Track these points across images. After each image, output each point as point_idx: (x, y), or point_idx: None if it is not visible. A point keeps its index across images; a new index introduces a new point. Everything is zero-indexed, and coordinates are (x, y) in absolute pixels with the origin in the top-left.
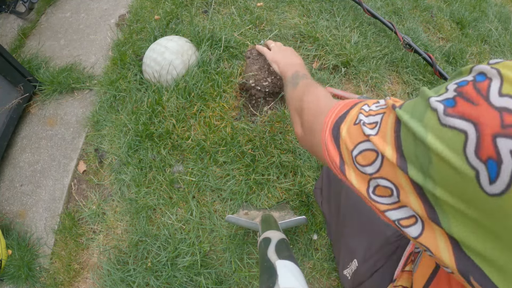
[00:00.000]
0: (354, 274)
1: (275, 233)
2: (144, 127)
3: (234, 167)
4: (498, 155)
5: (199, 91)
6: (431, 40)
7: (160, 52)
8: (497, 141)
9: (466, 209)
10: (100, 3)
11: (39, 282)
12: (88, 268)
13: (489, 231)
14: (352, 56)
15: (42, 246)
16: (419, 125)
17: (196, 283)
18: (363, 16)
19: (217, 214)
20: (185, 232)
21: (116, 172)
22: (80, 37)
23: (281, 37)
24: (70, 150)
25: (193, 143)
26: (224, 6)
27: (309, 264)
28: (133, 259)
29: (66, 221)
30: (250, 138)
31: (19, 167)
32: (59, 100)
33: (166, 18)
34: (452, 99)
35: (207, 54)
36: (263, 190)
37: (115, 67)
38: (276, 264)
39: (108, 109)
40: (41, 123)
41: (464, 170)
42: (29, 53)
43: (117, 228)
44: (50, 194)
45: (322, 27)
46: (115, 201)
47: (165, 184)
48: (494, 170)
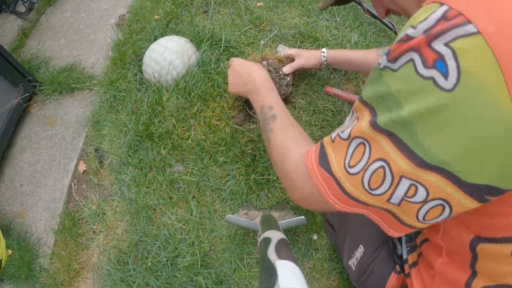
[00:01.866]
0: (359, 262)
1: (275, 233)
2: (144, 127)
3: (234, 167)
4: (438, 53)
5: (199, 91)
6: None
7: (160, 52)
8: (432, 45)
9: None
10: (100, 3)
11: (39, 282)
12: (88, 268)
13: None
14: None
15: (42, 246)
16: (381, 86)
17: (196, 283)
18: (363, 16)
19: (217, 214)
20: (185, 232)
21: (116, 172)
22: (80, 37)
23: (281, 37)
24: (70, 150)
25: (193, 143)
26: (224, 6)
27: (309, 264)
28: (133, 259)
29: (66, 221)
30: (250, 138)
31: (19, 167)
32: (59, 100)
33: (166, 18)
34: (387, 53)
35: (207, 54)
36: (263, 190)
37: (115, 67)
38: (276, 264)
39: (108, 109)
40: (41, 123)
41: (423, 85)
42: (29, 53)
43: (117, 228)
44: (50, 194)
45: (322, 27)
46: (115, 201)
47: (165, 184)
48: (442, 66)
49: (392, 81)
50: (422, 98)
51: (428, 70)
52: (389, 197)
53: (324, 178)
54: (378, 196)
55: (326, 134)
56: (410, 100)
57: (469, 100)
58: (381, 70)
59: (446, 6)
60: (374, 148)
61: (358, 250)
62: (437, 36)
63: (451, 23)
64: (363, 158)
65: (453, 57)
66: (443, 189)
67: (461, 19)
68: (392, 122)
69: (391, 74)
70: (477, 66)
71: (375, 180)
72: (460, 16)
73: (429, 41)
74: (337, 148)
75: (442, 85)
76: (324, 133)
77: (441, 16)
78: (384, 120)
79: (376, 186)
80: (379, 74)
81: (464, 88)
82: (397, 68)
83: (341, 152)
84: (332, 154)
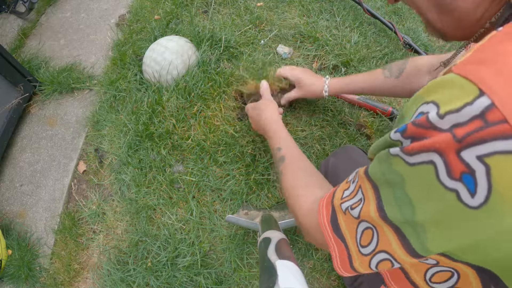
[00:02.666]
0: None
1: (275, 233)
2: (144, 127)
3: (234, 167)
4: (469, 167)
5: (199, 91)
6: (431, 40)
7: (160, 52)
8: (462, 155)
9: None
10: (100, 3)
11: (39, 282)
12: (88, 268)
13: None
14: (352, 56)
15: (42, 246)
16: (392, 174)
17: (196, 283)
18: (363, 16)
19: (217, 214)
20: (185, 232)
21: (116, 172)
22: (80, 37)
23: (281, 37)
24: (70, 150)
25: (193, 143)
26: (224, 6)
27: (309, 264)
28: (133, 259)
29: (66, 221)
30: (250, 138)
31: (19, 167)
32: (59, 100)
33: (166, 18)
34: (401, 132)
35: (207, 54)
36: (263, 190)
37: (115, 67)
38: (276, 264)
39: (108, 109)
40: (41, 123)
41: (443, 196)
42: (29, 53)
43: (117, 228)
44: (50, 194)
45: (322, 27)
46: (115, 201)
47: (165, 184)
48: (471, 182)
49: (405, 174)
50: (440, 208)
51: (453, 182)
52: None
53: (339, 248)
54: (386, 269)
55: (326, 134)
56: (426, 205)
57: (494, 221)
58: (391, 155)
59: (488, 99)
60: (381, 238)
61: None
62: (470, 146)
63: (491, 132)
64: (372, 243)
65: (485, 176)
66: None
67: (506, 128)
68: (403, 220)
69: (404, 166)
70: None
71: (383, 266)
72: (504, 125)
73: (458, 149)
74: (349, 224)
75: (467, 201)
76: (324, 133)
77: (480, 113)
78: (394, 215)
79: (386, 268)
80: (389, 158)
81: (491, 210)
82: (413, 164)
83: (352, 230)
84: (345, 227)
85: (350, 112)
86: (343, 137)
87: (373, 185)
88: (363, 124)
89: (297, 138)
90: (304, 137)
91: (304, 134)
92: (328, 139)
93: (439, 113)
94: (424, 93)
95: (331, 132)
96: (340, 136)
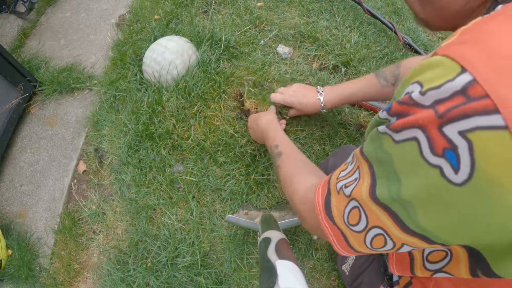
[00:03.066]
0: (351, 269)
1: (275, 233)
2: (144, 127)
3: (234, 167)
4: (451, 142)
5: (199, 91)
6: (431, 40)
7: (160, 52)
8: (444, 131)
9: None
10: (100, 3)
11: (39, 282)
12: (88, 268)
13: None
14: (352, 56)
15: (42, 246)
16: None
17: (196, 283)
18: (363, 16)
19: (217, 214)
20: (185, 232)
21: (116, 172)
22: (80, 37)
23: (281, 37)
24: (70, 150)
25: (193, 143)
26: (224, 6)
27: (309, 264)
28: (133, 259)
29: (66, 221)
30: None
31: (19, 167)
32: (59, 100)
33: (166, 18)
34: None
35: (207, 54)
36: (263, 190)
37: (115, 67)
38: (276, 264)
39: (108, 109)
40: (41, 123)
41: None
42: (29, 53)
43: (117, 228)
44: (50, 194)
45: (322, 27)
46: (115, 201)
47: (165, 184)
48: (453, 158)
49: (393, 152)
50: (425, 184)
51: (436, 158)
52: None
53: (332, 229)
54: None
55: (326, 134)
56: (411, 181)
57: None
58: (380, 134)
59: (470, 75)
60: (371, 217)
61: (350, 256)
62: (451, 121)
63: (473, 107)
64: (361, 222)
65: (468, 152)
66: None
67: (487, 104)
68: (391, 199)
69: (391, 144)
70: (496, 169)
71: (378, 242)
72: (486, 99)
73: (440, 125)
74: (339, 203)
75: (450, 177)
76: (324, 133)
77: (461, 89)
78: (383, 195)
79: (379, 246)
80: (378, 136)
81: (475, 187)
82: (399, 141)
83: (340, 209)
84: (335, 206)
85: (350, 112)
86: (343, 137)
87: (369, 164)
88: (363, 124)
89: (297, 138)
90: (304, 137)
91: (304, 134)
92: (328, 139)
93: (421, 91)
94: (411, 75)
95: (331, 132)
96: (340, 136)
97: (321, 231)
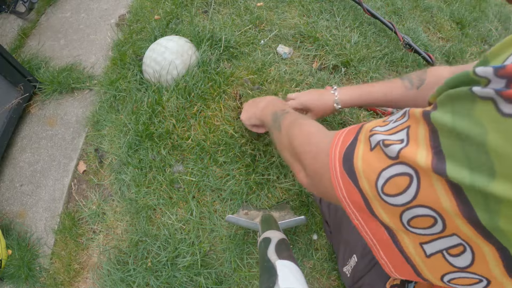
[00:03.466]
0: (353, 271)
1: (275, 233)
2: (144, 127)
3: (234, 167)
4: None
5: (199, 91)
6: (431, 40)
7: (160, 52)
8: None
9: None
10: (100, 3)
11: (39, 282)
12: (88, 268)
13: None
14: (352, 56)
15: (42, 246)
16: (470, 123)
17: (196, 283)
18: (363, 16)
19: (217, 214)
20: (185, 232)
21: (116, 172)
22: (80, 37)
23: (281, 37)
24: (70, 150)
25: (193, 143)
26: (224, 6)
27: (309, 264)
28: (133, 259)
29: (66, 221)
30: (250, 138)
31: (19, 167)
32: (59, 100)
33: (166, 18)
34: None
35: (207, 54)
36: (263, 190)
37: (115, 67)
38: (276, 264)
39: (108, 109)
40: (41, 123)
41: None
42: (29, 53)
43: (117, 228)
44: (50, 194)
45: (322, 27)
46: (115, 201)
47: (165, 184)
48: None
49: (491, 126)
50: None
51: None
52: (427, 242)
53: (346, 186)
54: (422, 232)
55: None
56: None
57: None
58: (474, 95)
59: None
60: (423, 189)
61: (352, 258)
62: None
63: None
64: (406, 193)
65: None
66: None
67: None
68: (472, 185)
69: (494, 114)
70: None
71: (420, 222)
72: None
73: None
74: (372, 161)
75: None
76: None
77: None
78: (459, 175)
79: (422, 226)
80: (469, 99)
81: None
82: (508, 115)
83: (374, 169)
84: (360, 162)
85: (350, 112)
86: None
87: (432, 129)
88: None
89: None
90: None
91: None
92: None
93: None
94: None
95: (372, 121)
96: None
97: (331, 188)
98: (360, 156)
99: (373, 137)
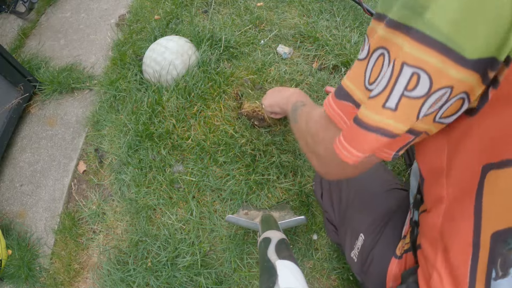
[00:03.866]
0: (361, 251)
1: (275, 233)
2: (144, 127)
3: (234, 167)
4: None
5: (199, 91)
6: None
7: (160, 52)
8: None
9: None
10: (100, 3)
11: (39, 282)
12: (88, 268)
13: None
14: (352, 56)
15: (42, 246)
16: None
17: (196, 283)
18: (363, 16)
19: (217, 214)
20: (185, 232)
21: (116, 172)
22: (80, 37)
23: (281, 37)
24: (70, 150)
25: (193, 143)
26: (224, 6)
27: (309, 264)
28: (133, 259)
29: (66, 221)
30: (250, 138)
31: (19, 167)
32: (59, 100)
33: (166, 18)
34: None
35: (207, 54)
36: (263, 190)
37: (115, 67)
38: (276, 264)
39: (108, 109)
40: (41, 123)
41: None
42: (29, 53)
43: (117, 228)
44: (50, 194)
45: (322, 27)
46: (115, 201)
47: (165, 184)
48: None
49: None
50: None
51: None
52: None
53: (340, 106)
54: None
55: None
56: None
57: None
58: None
59: None
60: (392, 49)
61: (359, 239)
62: None
63: None
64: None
65: None
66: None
67: None
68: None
69: None
70: None
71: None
72: None
73: None
74: (357, 70)
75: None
76: None
77: None
78: (397, 12)
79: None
80: None
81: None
82: None
83: (359, 73)
84: (350, 79)
85: None
86: None
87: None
88: None
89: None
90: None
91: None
92: None
93: None
94: None
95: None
96: None
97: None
98: (350, 76)
99: (346, 75)
